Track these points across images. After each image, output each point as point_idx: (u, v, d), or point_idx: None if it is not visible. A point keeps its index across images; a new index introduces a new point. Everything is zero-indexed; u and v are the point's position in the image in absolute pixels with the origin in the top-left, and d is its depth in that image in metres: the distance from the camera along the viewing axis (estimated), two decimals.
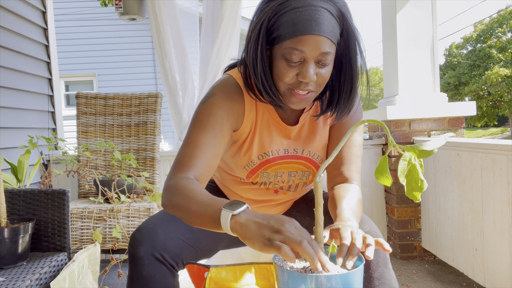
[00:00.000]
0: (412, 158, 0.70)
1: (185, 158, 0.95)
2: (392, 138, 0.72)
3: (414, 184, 0.70)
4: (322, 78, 0.94)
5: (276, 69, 0.94)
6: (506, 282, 1.68)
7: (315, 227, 0.78)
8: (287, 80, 0.94)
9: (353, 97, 1.02)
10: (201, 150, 0.95)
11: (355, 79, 0.99)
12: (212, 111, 1.00)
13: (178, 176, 0.92)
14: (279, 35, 0.91)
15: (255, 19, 0.95)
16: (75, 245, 2.18)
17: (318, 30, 0.88)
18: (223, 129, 1.00)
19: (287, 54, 0.91)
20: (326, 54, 0.91)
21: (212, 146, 0.97)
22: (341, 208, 0.94)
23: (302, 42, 0.88)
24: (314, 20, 0.87)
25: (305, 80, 0.92)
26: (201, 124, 0.99)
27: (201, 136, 0.97)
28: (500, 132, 23.55)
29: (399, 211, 2.49)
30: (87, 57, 8.07)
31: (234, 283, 0.98)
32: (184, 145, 0.98)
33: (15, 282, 1.27)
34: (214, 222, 0.77)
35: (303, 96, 0.95)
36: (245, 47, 0.99)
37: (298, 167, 1.15)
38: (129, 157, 2.35)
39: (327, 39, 0.89)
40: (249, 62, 0.97)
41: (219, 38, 2.72)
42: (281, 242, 0.69)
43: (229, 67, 1.12)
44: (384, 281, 0.98)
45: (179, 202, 0.86)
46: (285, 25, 0.89)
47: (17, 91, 2.51)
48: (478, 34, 22.65)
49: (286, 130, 1.09)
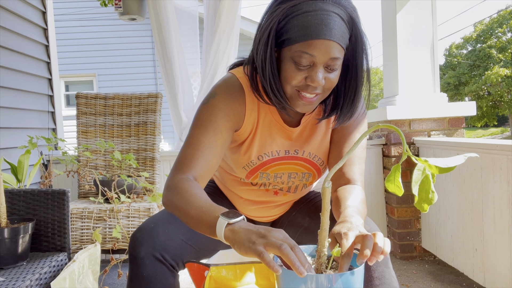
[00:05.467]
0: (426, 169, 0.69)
1: (186, 159, 0.96)
2: (407, 146, 0.71)
3: (424, 194, 0.69)
4: (330, 82, 0.94)
5: (284, 72, 0.94)
6: (506, 282, 1.68)
7: (319, 231, 0.77)
8: (294, 83, 0.94)
9: (356, 102, 1.02)
10: (202, 152, 0.96)
11: (360, 84, 1.00)
12: (213, 112, 1.00)
13: (179, 176, 0.94)
14: (289, 38, 0.91)
15: (265, 20, 0.94)
16: (75, 245, 2.18)
17: (329, 35, 0.88)
18: (223, 130, 1.00)
19: (296, 57, 0.90)
20: (335, 59, 0.91)
21: (212, 148, 0.98)
22: (344, 207, 0.93)
23: (313, 46, 0.88)
24: (325, 24, 0.87)
25: (313, 84, 0.92)
26: (202, 125, 0.99)
27: (202, 137, 0.98)
28: (500, 132, 23.54)
29: (399, 211, 2.49)
30: (87, 57, 8.08)
31: (234, 282, 0.98)
32: (185, 145, 0.99)
33: (15, 282, 1.27)
34: (209, 228, 0.80)
35: (310, 100, 0.95)
36: (253, 48, 0.99)
37: (298, 168, 1.14)
38: (129, 157, 2.35)
39: (337, 44, 0.89)
40: (258, 63, 0.96)
41: (217, 38, 2.71)
42: (263, 247, 0.70)
43: (234, 65, 1.12)
44: (384, 280, 0.98)
45: (178, 204, 0.88)
46: (296, 28, 0.89)
47: (17, 91, 2.51)
48: (478, 34, 22.64)
49: (287, 131, 1.09)
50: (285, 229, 1.26)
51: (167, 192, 0.93)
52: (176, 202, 0.89)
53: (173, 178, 0.94)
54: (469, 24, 62.95)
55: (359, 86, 1.00)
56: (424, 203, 0.70)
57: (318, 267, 0.77)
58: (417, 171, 0.69)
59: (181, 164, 0.96)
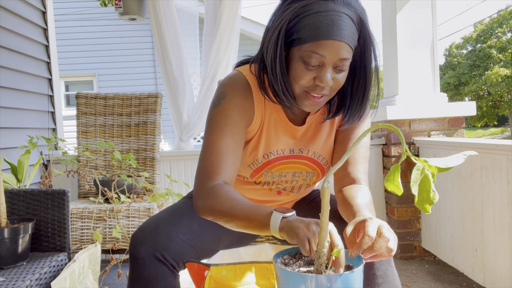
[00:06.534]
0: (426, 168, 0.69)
1: (213, 166, 0.97)
2: (406, 146, 0.70)
3: (425, 194, 0.69)
4: (337, 83, 0.95)
5: (293, 71, 0.94)
6: (506, 282, 1.68)
7: (319, 232, 0.77)
8: (303, 83, 0.94)
9: (365, 103, 1.03)
10: (225, 156, 0.98)
11: (368, 86, 1.00)
12: (227, 113, 1.01)
13: (211, 184, 0.96)
14: (300, 37, 0.91)
15: (275, 19, 0.95)
16: (75, 245, 2.18)
17: (340, 35, 0.88)
18: (240, 131, 1.01)
19: (306, 57, 0.91)
20: (344, 60, 0.91)
21: (234, 150, 1.00)
22: (358, 207, 0.91)
23: (323, 46, 0.88)
24: (336, 25, 0.88)
25: (322, 84, 0.92)
26: (218, 129, 1.00)
27: (222, 142, 0.99)
28: (500, 132, 23.54)
29: (399, 211, 2.49)
30: (87, 57, 8.07)
31: (234, 282, 0.98)
32: (207, 152, 0.99)
33: (15, 282, 1.27)
34: (261, 224, 0.84)
35: (317, 100, 0.96)
36: (261, 47, 0.99)
37: (303, 167, 1.14)
38: (129, 157, 2.35)
39: (347, 45, 0.90)
40: (268, 62, 0.97)
41: (218, 38, 2.72)
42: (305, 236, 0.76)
43: (240, 63, 1.12)
44: (387, 279, 0.98)
45: (222, 210, 0.91)
46: (307, 28, 0.89)
47: (17, 91, 2.51)
48: (478, 34, 22.64)
49: (292, 130, 1.09)
50: None
51: (204, 200, 0.94)
52: (219, 208, 0.91)
53: (204, 186, 0.96)
54: (469, 24, 62.98)
55: (367, 87, 1.00)
56: (425, 203, 0.69)
57: (318, 267, 0.77)
58: (416, 170, 0.69)
59: (208, 171, 0.97)
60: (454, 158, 0.68)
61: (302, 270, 0.78)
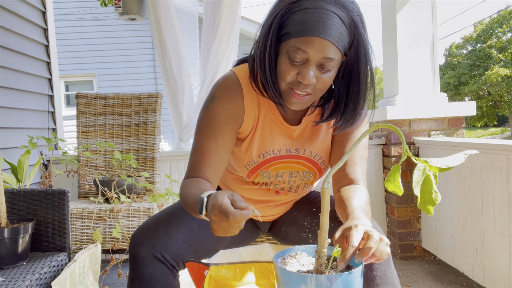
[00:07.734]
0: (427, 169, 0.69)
1: (193, 165, 1.04)
2: (407, 146, 0.70)
3: (427, 195, 0.69)
4: (322, 83, 0.94)
5: (279, 66, 0.95)
6: (506, 282, 1.68)
7: (319, 232, 0.77)
8: (287, 78, 0.94)
9: (358, 109, 1.02)
10: (207, 157, 1.03)
11: (362, 91, 0.99)
12: (213, 117, 1.04)
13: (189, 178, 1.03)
14: (287, 32, 0.91)
15: (269, 13, 0.95)
16: (75, 245, 2.18)
17: (324, 33, 0.88)
18: (224, 134, 1.04)
19: (291, 52, 0.91)
20: (329, 60, 0.90)
21: (214, 153, 1.03)
22: (351, 209, 0.93)
23: (307, 42, 0.88)
24: (322, 23, 0.87)
25: (304, 81, 0.92)
26: (204, 131, 1.04)
27: (206, 144, 1.03)
28: (500, 132, 23.54)
29: (399, 211, 2.49)
30: (87, 57, 8.07)
31: (234, 282, 0.98)
32: (192, 152, 1.06)
33: (15, 282, 1.27)
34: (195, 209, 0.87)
35: (301, 97, 0.95)
36: (255, 41, 1.00)
37: (299, 167, 1.14)
38: (129, 157, 2.35)
39: (332, 44, 0.89)
40: (257, 55, 0.98)
41: (217, 38, 2.72)
42: None
43: (241, 61, 1.13)
44: (386, 279, 0.98)
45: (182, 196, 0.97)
46: (294, 23, 0.90)
47: (17, 91, 2.51)
48: (478, 34, 22.64)
49: (288, 130, 1.09)
50: (286, 229, 1.26)
51: (180, 191, 1.01)
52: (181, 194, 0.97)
53: (183, 180, 1.04)
54: (469, 24, 62.98)
55: (361, 93, 0.99)
56: (428, 204, 0.69)
57: (318, 267, 0.78)
58: (417, 171, 0.69)
59: (190, 169, 1.04)
60: (454, 158, 0.68)
61: (302, 270, 0.78)
